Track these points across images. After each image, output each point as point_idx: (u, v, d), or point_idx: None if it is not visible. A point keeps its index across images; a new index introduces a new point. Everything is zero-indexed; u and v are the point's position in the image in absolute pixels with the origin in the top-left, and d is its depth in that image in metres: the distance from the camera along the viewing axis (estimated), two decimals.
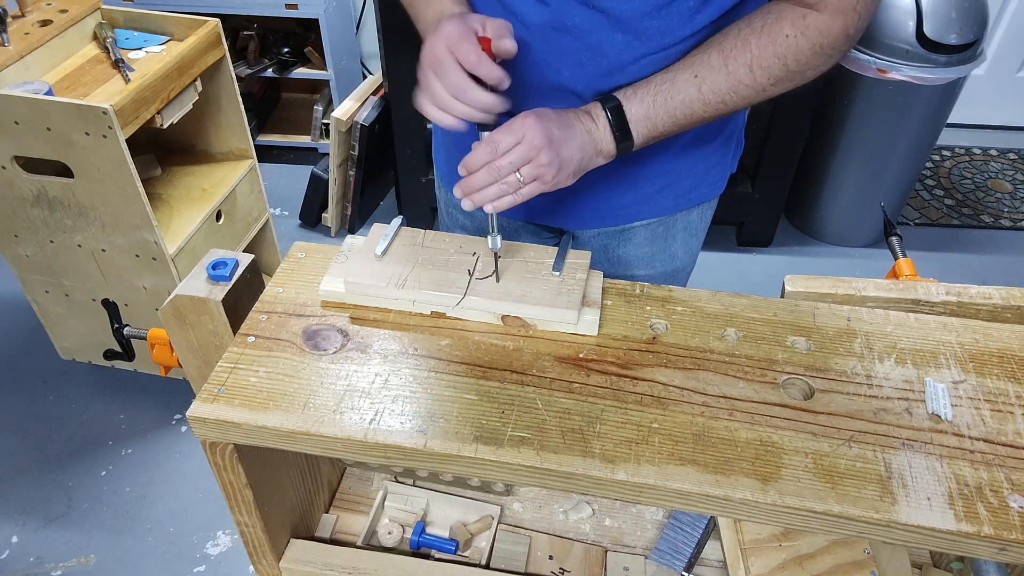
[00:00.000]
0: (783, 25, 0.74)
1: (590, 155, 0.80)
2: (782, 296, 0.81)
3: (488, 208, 0.77)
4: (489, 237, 0.78)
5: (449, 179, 1.09)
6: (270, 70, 2.75)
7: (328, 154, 2.49)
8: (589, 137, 0.79)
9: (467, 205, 0.78)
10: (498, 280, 0.76)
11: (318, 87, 3.02)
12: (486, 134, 0.76)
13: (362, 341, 0.73)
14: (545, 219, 1.03)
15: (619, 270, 1.05)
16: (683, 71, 0.79)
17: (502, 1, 0.82)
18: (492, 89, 0.72)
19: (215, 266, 0.76)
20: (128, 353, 0.98)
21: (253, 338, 0.72)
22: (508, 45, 0.72)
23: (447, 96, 0.72)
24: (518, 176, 0.75)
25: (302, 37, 2.79)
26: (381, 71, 2.39)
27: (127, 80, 1.69)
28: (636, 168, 0.95)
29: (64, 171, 1.58)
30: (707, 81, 0.78)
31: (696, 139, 0.95)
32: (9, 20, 1.72)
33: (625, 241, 1.02)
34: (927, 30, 2.10)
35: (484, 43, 0.72)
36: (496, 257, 0.78)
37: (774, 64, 0.76)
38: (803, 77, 0.78)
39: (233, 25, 2.79)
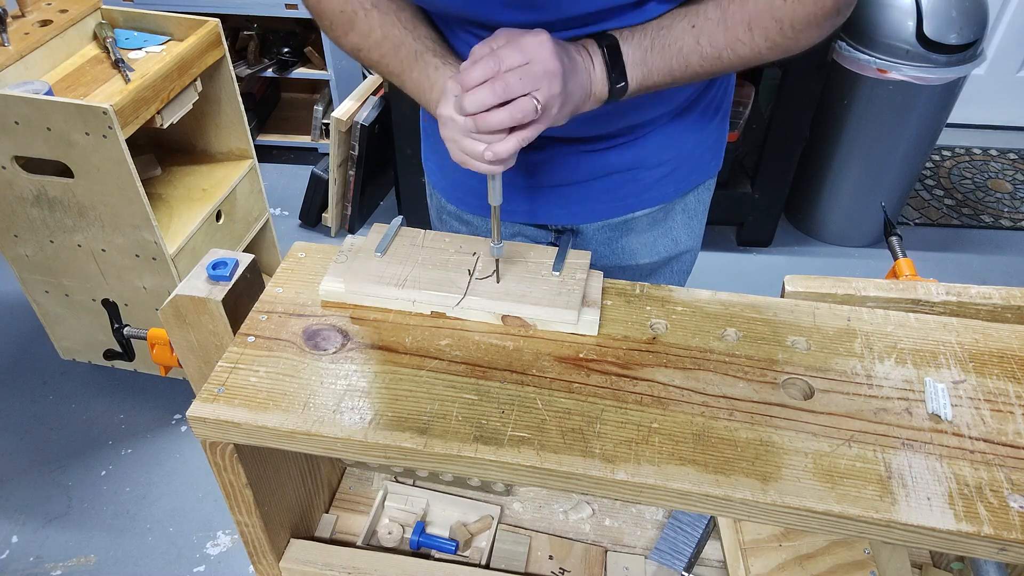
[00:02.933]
0: None
1: (585, 96, 0.74)
2: (782, 296, 0.81)
3: (488, 154, 0.70)
4: (491, 245, 0.76)
5: (442, 186, 1.08)
6: (270, 70, 2.75)
7: (328, 154, 2.49)
8: (587, 76, 0.74)
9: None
10: (498, 280, 0.76)
11: (318, 87, 3.02)
12: (486, 48, 0.68)
13: (362, 341, 0.73)
14: (547, 218, 1.02)
15: (624, 260, 1.05)
16: (680, 20, 0.75)
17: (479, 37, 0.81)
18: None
19: (215, 266, 0.76)
20: (128, 353, 0.98)
21: (253, 338, 0.72)
22: None
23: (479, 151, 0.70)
24: (535, 101, 0.66)
25: (302, 37, 2.79)
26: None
27: (127, 80, 1.69)
28: (636, 159, 0.95)
29: (64, 171, 1.58)
30: (704, 33, 0.75)
31: (693, 126, 0.95)
32: (9, 20, 1.72)
33: (628, 231, 1.02)
34: (927, 30, 2.10)
35: None
36: (497, 260, 0.78)
37: (771, 27, 0.74)
38: (797, 45, 0.76)
39: (233, 25, 2.79)
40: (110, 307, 1.01)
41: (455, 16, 0.83)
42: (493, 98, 0.66)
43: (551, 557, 0.91)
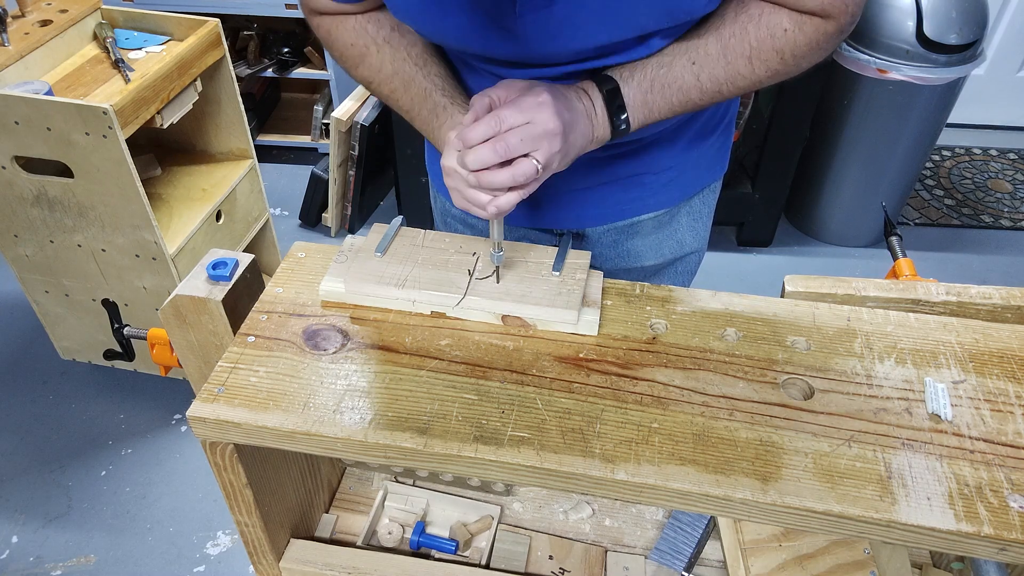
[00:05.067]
0: (781, 18, 0.73)
1: (587, 141, 0.76)
2: (782, 296, 0.81)
3: (491, 208, 0.71)
4: (492, 253, 0.76)
5: (446, 190, 1.07)
6: (270, 70, 2.75)
7: (328, 154, 2.49)
8: (588, 122, 0.75)
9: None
10: (498, 280, 0.76)
11: (318, 87, 3.02)
12: (486, 100, 0.70)
13: (362, 341, 0.73)
14: (552, 223, 1.02)
15: (629, 262, 1.05)
16: (680, 57, 0.76)
17: (495, 74, 0.81)
18: None
19: (215, 266, 0.76)
20: (128, 353, 0.98)
21: (253, 338, 0.72)
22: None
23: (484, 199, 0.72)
24: (535, 163, 0.68)
25: (302, 37, 2.79)
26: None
27: (127, 80, 1.69)
28: (642, 166, 0.95)
29: (64, 171, 1.58)
30: (705, 69, 0.75)
31: (699, 133, 0.95)
32: (9, 20, 1.72)
33: (633, 234, 1.02)
34: (927, 30, 2.10)
35: None
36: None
37: (772, 58, 0.74)
38: (797, 70, 0.77)
39: (233, 25, 2.79)
40: (110, 307, 1.01)
41: (458, 50, 0.83)
42: (494, 157, 0.68)
43: (551, 557, 0.91)
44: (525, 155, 0.69)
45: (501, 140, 0.67)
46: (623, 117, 0.76)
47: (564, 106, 0.71)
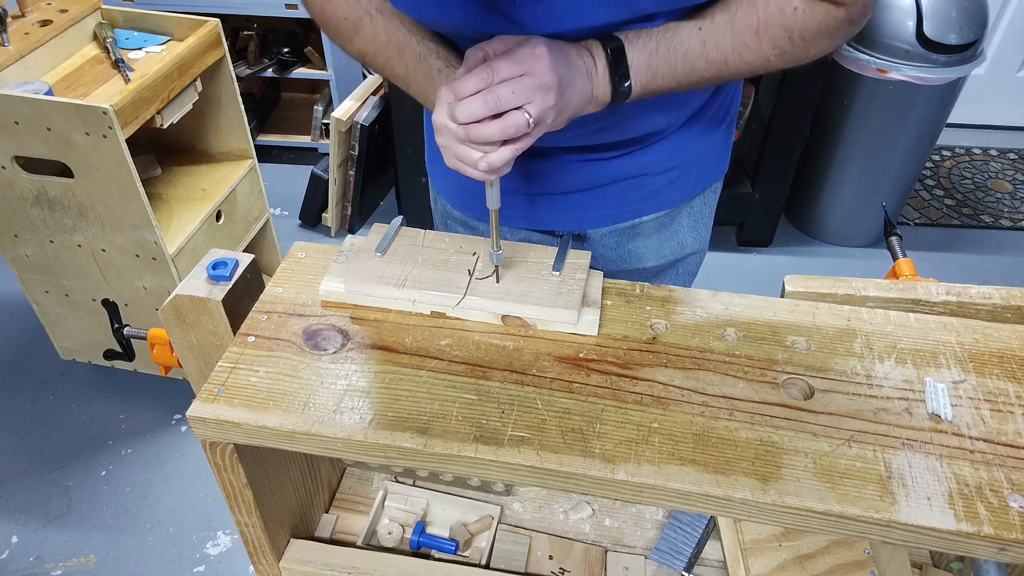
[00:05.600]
0: None
1: (586, 101, 0.73)
2: (782, 296, 0.81)
3: (482, 165, 0.69)
4: (491, 251, 0.76)
5: (447, 191, 1.07)
6: (270, 70, 2.75)
7: (328, 154, 2.49)
8: (588, 81, 0.72)
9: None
10: (498, 280, 0.76)
11: (318, 87, 3.02)
12: (480, 54, 0.67)
13: (362, 341, 0.73)
14: (554, 224, 1.02)
15: (630, 263, 1.05)
16: (686, 23, 0.74)
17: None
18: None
19: (215, 266, 0.76)
20: (128, 353, 0.98)
21: (253, 338, 0.72)
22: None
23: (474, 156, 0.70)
24: (527, 116, 0.66)
25: (302, 37, 2.79)
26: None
27: (127, 80, 1.69)
28: (643, 167, 0.95)
29: (64, 171, 1.58)
30: (711, 37, 0.73)
31: (700, 133, 0.95)
32: (9, 20, 1.72)
33: (634, 235, 1.02)
34: (927, 30, 2.10)
35: None
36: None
37: (780, 35, 0.73)
38: (806, 55, 0.75)
39: (233, 25, 2.79)
40: (110, 307, 1.01)
41: (455, 34, 0.83)
42: (484, 110, 0.65)
43: (551, 557, 0.91)
44: (517, 108, 0.66)
45: (492, 92, 0.65)
46: (627, 79, 0.74)
47: (561, 60, 0.68)
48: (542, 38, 0.68)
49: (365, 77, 2.66)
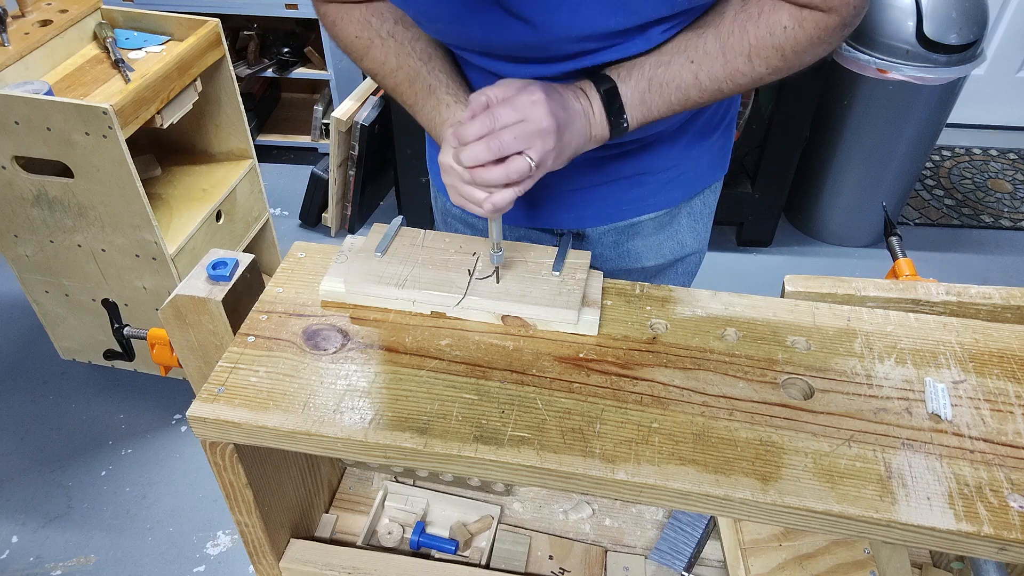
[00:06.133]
0: (781, 15, 0.72)
1: (584, 140, 0.76)
2: (782, 296, 0.81)
3: (487, 206, 0.72)
4: (491, 253, 0.76)
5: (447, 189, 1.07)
6: (270, 70, 2.75)
7: (328, 154, 2.49)
8: (586, 121, 0.75)
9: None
10: (498, 280, 0.76)
11: (318, 87, 3.02)
12: (483, 99, 0.70)
13: (362, 341, 0.73)
14: (553, 223, 1.02)
15: (629, 263, 1.05)
16: (678, 55, 0.75)
17: (492, 71, 0.82)
18: None
19: (215, 266, 0.76)
20: (128, 353, 0.98)
21: (253, 338, 0.72)
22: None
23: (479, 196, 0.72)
24: (529, 160, 0.69)
25: (302, 37, 2.79)
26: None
27: (127, 80, 1.69)
28: (643, 166, 0.95)
29: (64, 171, 1.58)
30: (704, 68, 0.75)
31: (700, 133, 0.95)
32: (9, 20, 1.72)
33: (634, 234, 1.02)
34: (927, 30, 2.10)
35: None
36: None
37: (772, 55, 0.74)
38: (800, 65, 0.76)
39: (233, 25, 2.79)
40: (110, 307, 1.01)
41: (458, 44, 0.83)
42: (488, 155, 0.68)
43: (551, 557, 0.91)
44: (519, 153, 0.69)
45: (495, 138, 0.68)
46: (622, 116, 0.76)
47: (559, 105, 0.71)
48: (542, 84, 0.71)
49: (365, 77, 2.66)
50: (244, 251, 1.61)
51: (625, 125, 0.77)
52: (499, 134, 0.68)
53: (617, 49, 0.76)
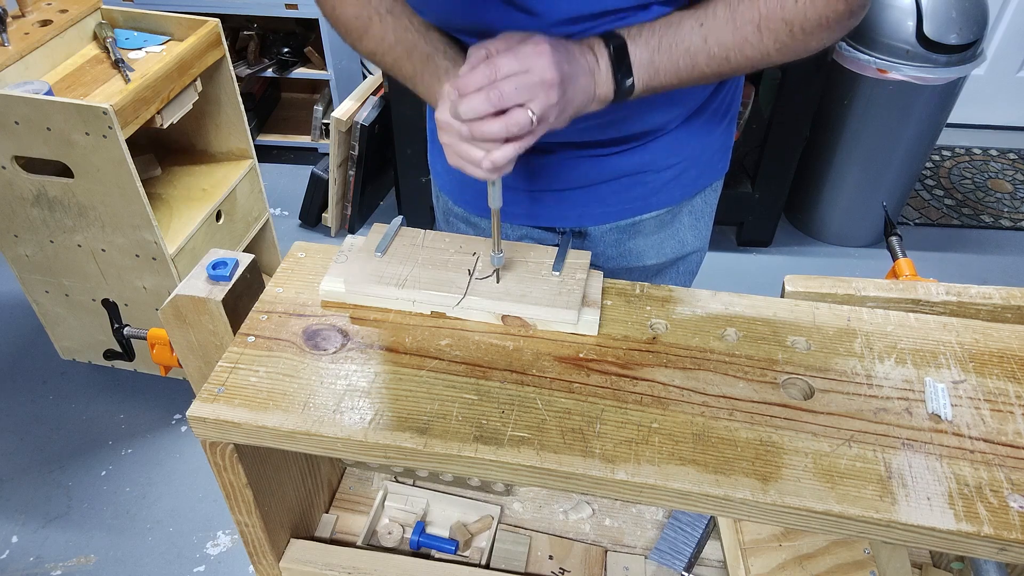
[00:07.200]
0: None
1: (588, 98, 0.73)
2: (782, 296, 0.81)
3: (486, 163, 0.69)
4: (492, 255, 0.76)
5: (449, 188, 1.07)
6: (270, 70, 2.75)
7: (328, 154, 2.49)
8: (591, 78, 0.72)
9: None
10: (498, 280, 0.76)
11: (318, 87, 3.02)
12: (483, 52, 0.67)
13: (362, 341, 0.73)
14: (554, 221, 1.02)
15: (631, 261, 1.05)
16: (688, 18, 0.74)
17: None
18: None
19: (215, 266, 0.76)
20: (128, 353, 0.98)
21: (253, 338, 0.72)
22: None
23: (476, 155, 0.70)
24: (530, 113, 0.66)
25: (302, 37, 2.79)
26: (381, 71, 2.39)
27: (127, 80, 1.69)
28: (644, 164, 0.95)
29: (64, 171, 1.58)
30: (712, 32, 0.73)
31: (701, 130, 0.95)
32: (9, 20, 1.72)
33: (635, 233, 1.02)
34: (927, 30, 2.10)
35: None
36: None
37: (781, 28, 0.72)
38: (806, 48, 0.75)
39: (233, 25, 2.79)
40: (110, 307, 1.01)
41: (457, 26, 0.83)
42: (487, 106, 0.65)
43: (551, 557, 0.91)
44: (520, 106, 0.66)
45: (495, 88, 0.65)
46: (629, 76, 0.74)
47: (564, 58, 0.68)
48: (545, 36, 0.68)
49: (365, 77, 2.66)
50: (244, 251, 1.61)
51: (631, 86, 0.74)
52: (499, 84, 0.65)
53: (617, 24, 0.75)
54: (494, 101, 0.65)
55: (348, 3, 0.84)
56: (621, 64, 0.73)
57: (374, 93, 2.46)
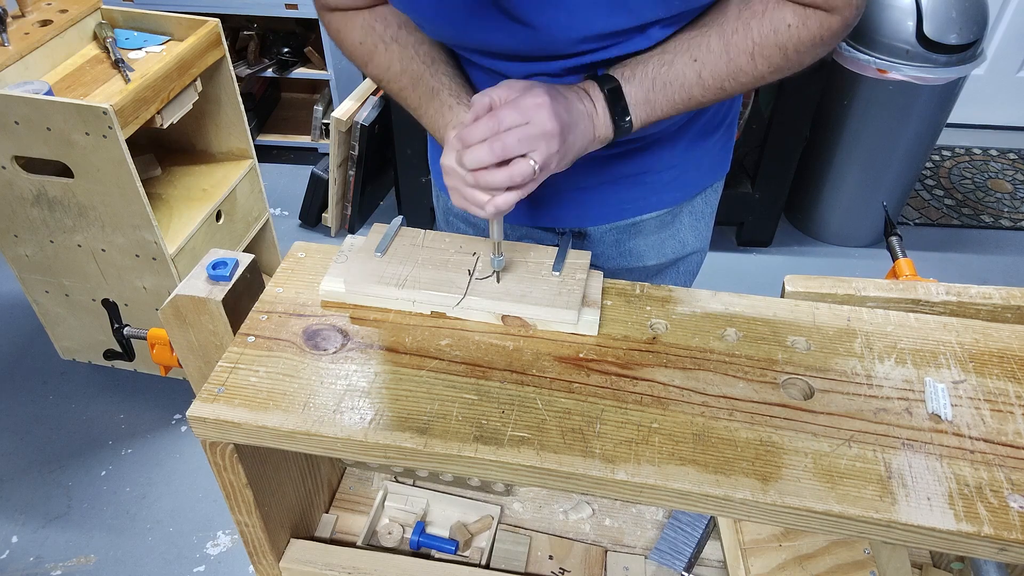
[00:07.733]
0: (785, 14, 0.72)
1: (588, 142, 0.76)
2: (782, 296, 0.81)
3: (489, 208, 0.71)
4: (492, 257, 0.76)
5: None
6: (270, 70, 2.75)
7: (328, 154, 2.49)
8: (589, 122, 0.75)
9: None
10: (498, 280, 0.76)
11: (318, 87, 3.02)
12: (487, 100, 0.70)
13: (362, 341, 0.73)
14: (554, 221, 1.02)
15: (631, 261, 1.05)
16: (682, 54, 0.75)
17: (494, 70, 0.82)
18: None
19: (215, 266, 0.76)
20: (128, 353, 0.98)
21: (253, 338, 0.72)
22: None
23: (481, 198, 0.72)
24: (532, 163, 0.69)
25: (302, 37, 2.79)
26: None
27: (127, 80, 1.69)
28: (645, 164, 0.95)
29: (64, 171, 1.58)
30: (707, 66, 0.75)
31: (701, 132, 0.95)
32: (9, 20, 1.72)
33: (635, 233, 1.02)
34: (927, 30, 2.10)
35: None
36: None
37: (775, 53, 0.74)
38: (800, 65, 0.76)
39: (233, 25, 2.79)
40: (110, 307, 1.01)
41: (459, 45, 0.83)
42: (491, 157, 0.68)
43: (551, 557, 0.91)
44: (523, 155, 0.69)
45: (498, 140, 0.68)
46: (627, 116, 0.76)
47: (563, 107, 0.71)
48: (545, 86, 0.71)
49: (365, 77, 2.66)
50: (244, 251, 1.61)
51: (629, 125, 0.77)
52: (502, 136, 0.68)
53: (618, 47, 0.76)
54: (497, 153, 0.68)
55: (352, 29, 0.85)
56: (616, 106, 0.75)
57: (374, 93, 2.46)
